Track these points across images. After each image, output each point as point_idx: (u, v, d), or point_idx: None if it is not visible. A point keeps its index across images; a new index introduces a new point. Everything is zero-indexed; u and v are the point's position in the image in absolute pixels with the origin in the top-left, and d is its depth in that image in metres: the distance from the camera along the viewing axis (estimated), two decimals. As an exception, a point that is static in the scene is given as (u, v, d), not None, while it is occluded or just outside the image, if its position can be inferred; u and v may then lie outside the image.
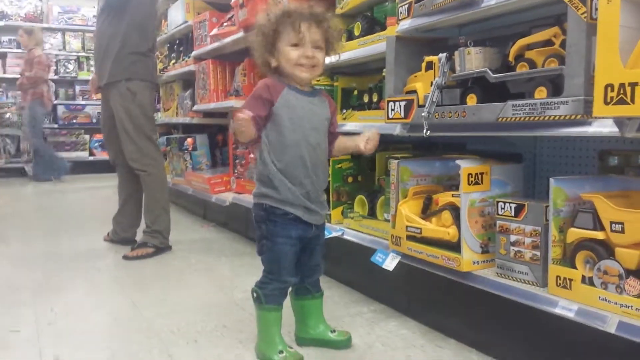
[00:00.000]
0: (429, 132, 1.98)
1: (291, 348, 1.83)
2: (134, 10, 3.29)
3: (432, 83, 1.96)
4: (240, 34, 3.75)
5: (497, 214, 1.79)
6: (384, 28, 2.39)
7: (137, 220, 3.63)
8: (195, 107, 4.85)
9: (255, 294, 1.83)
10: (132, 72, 3.31)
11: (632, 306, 1.37)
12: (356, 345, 1.95)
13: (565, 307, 1.51)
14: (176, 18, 5.29)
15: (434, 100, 1.94)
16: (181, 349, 1.95)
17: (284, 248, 1.78)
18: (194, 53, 4.81)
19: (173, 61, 5.61)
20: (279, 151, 1.75)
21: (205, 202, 4.46)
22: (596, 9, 1.40)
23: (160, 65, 6.00)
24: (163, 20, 5.88)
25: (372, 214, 2.52)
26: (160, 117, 6.09)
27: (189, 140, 4.83)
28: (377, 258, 2.24)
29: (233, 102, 4.09)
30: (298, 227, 1.78)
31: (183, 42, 5.40)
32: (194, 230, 4.24)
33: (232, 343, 1.99)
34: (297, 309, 1.97)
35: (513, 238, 1.74)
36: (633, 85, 1.29)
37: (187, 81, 5.28)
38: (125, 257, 3.22)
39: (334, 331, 1.94)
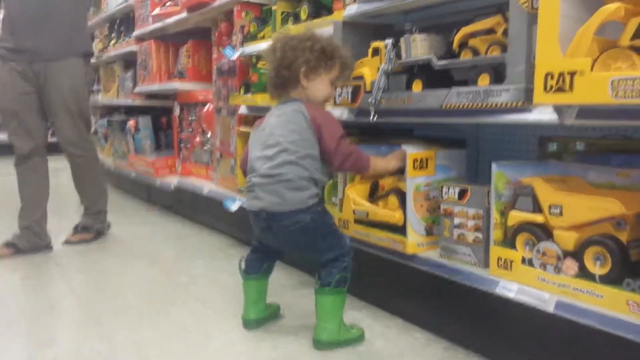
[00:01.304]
0: (376, 117, 1.99)
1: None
2: None
3: (378, 69, 1.97)
4: (184, 14, 3.65)
5: (442, 197, 1.83)
6: (330, 12, 2.38)
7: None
8: (137, 89, 4.71)
9: (343, 280, 1.79)
10: (87, 47, 3.08)
11: (569, 286, 1.44)
12: (304, 324, 1.96)
13: (506, 287, 1.57)
14: (116, -4, 5.10)
15: (381, 86, 1.95)
16: (123, 332, 1.91)
17: (339, 230, 1.89)
18: (135, 33, 4.66)
19: (113, 41, 5.42)
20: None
21: (149, 186, 4.35)
22: (537, -1, 1.44)
23: (99, 45, 5.79)
24: (103, -1, 5.67)
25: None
26: (101, 99, 5.89)
27: (131, 122, 4.69)
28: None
29: (177, 84, 4.00)
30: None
31: (124, 22, 5.22)
32: (138, 215, 4.14)
33: (175, 329, 1.96)
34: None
35: (457, 221, 1.78)
36: (572, 73, 1.33)
37: (129, 62, 5.12)
38: (68, 242, 3.07)
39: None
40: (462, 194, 1.77)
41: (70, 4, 2.92)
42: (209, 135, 3.68)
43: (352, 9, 2.17)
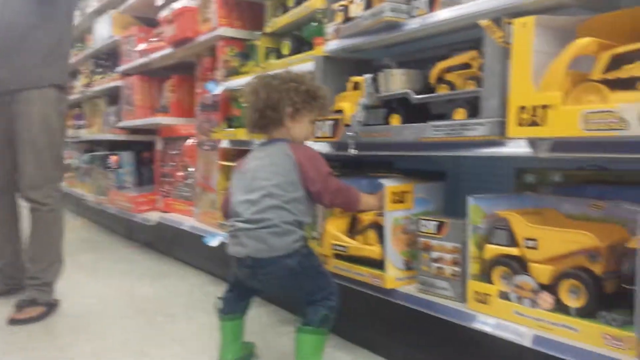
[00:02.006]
0: (355, 151, 2.00)
1: None
2: None
3: (358, 103, 1.98)
4: (169, 49, 3.68)
5: (420, 231, 1.82)
6: (311, 48, 2.41)
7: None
8: (121, 124, 4.70)
9: (328, 320, 1.76)
10: (63, 78, 2.67)
11: (545, 319, 1.42)
12: (281, 366, 1.92)
13: (483, 322, 1.55)
14: (102, 32, 5.15)
15: (360, 120, 1.97)
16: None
17: (326, 269, 1.88)
18: (120, 68, 4.68)
19: (98, 76, 5.44)
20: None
21: (130, 222, 4.29)
22: (511, 34, 1.47)
23: (84, 81, 5.81)
24: (88, 35, 5.71)
25: (299, 233, 2.50)
26: (84, 134, 5.87)
27: (114, 157, 4.66)
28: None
29: (160, 119, 4.00)
30: None
31: (109, 57, 5.25)
32: (116, 251, 4.07)
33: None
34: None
35: (435, 255, 1.77)
36: (544, 107, 1.35)
37: (113, 97, 5.12)
38: (14, 322, 2.38)
39: None
40: (439, 227, 1.76)
41: (45, 33, 2.56)
42: (191, 170, 3.66)
43: (332, 45, 2.20)
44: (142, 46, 4.16)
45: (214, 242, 2.89)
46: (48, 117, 2.56)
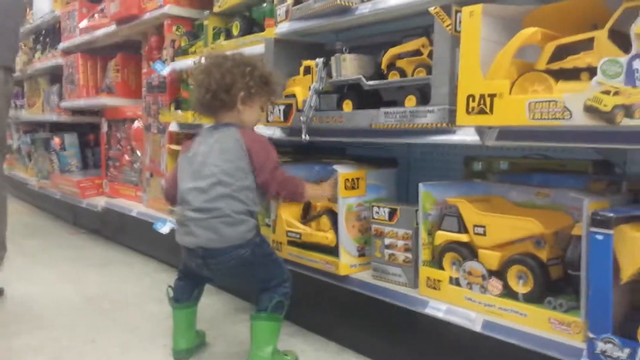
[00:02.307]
0: (307, 136, 1.97)
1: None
2: None
3: (310, 88, 1.96)
4: (113, 27, 3.53)
5: (373, 218, 1.83)
6: (262, 29, 2.36)
7: None
8: (63, 104, 4.51)
9: (283, 306, 1.76)
10: (8, 60, 2.54)
11: (494, 305, 1.46)
12: (237, 352, 1.90)
13: (435, 307, 1.58)
14: (42, 6, 4.90)
15: (312, 105, 1.94)
16: (42, 372, 1.79)
17: (279, 257, 1.87)
18: (61, 45, 4.47)
19: (38, 53, 5.19)
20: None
21: (75, 207, 4.15)
22: (460, 22, 1.46)
23: (24, 58, 5.52)
24: (28, 9, 5.42)
25: (252, 218, 2.48)
26: (25, 114, 5.61)
27: (57, 139, 4.47)
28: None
29: (105, 100, 3.86)
30: None
31: (49, 33, 5.01)
32: (61, 237, 3.93)
33: (101, 358, 1.85)
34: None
35: (387, 241, 1.78)
36: (492, 96, 1.36)
37: (54, 75, 4.90)
38: None
39: None
40: (391, 214, 1.77)
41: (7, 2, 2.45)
42: (138, 154, 3.56)
43: (283, 27, 2.15)
44: (84, 23, 3.97)
45: (164, 229, 2.83)
46: None
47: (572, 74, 1.29)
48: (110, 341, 2.01)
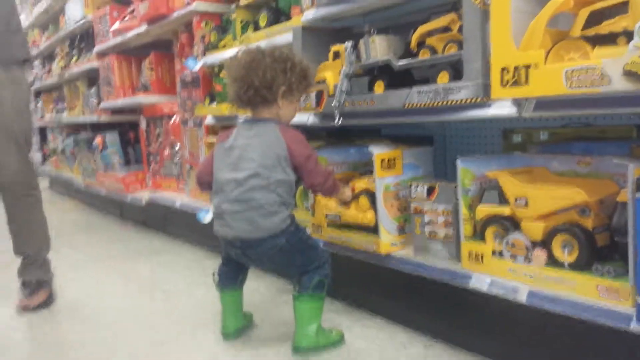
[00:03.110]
0: (340, 120, 1.99)
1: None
2: None
3: (340, 72, 1.97)
4: (144, 27, 3.61)
5: (411, 196, 1.84)
6: (289, 18, 2.38)
7: None
8: (102, 105, 4.65)
9: (323, 285, 1.80)
10: (26, 52, 2.41)
11: (539, 275, 1.46)
12: (284, 332, 1.95)
13: (479, 281, 1.59)
14: (75, 13, 5.03)
15: (343, 89, 1.95)
16: (100, 356, 1.87)
17: (315, 242, 1.92)
18: (96, 49, 4.59)
19: (75, 58, 5.34)
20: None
21: (121, 202, 4.29)
22: (489, -5, 1.45)
23: (61, 63, 5.71)
24: (61, 16, 5.58)
25: (292, 204, 2.52)
26: (66, 117, 5.80)
27: (98, 139, 4.61)
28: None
29: (142, 98, 3.95)
30: None
31: (84, 38, 5.15)
32: (110, 232, 4.07)
33: (155, 346, 1.93)
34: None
35: (427, 218, 1.79)
36: (527, 67, 1.35)
37: (92, 78, 5.05)
38: (26, 308, 2.34)
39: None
40: (430, 191, 1.78)
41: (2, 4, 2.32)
42: (177, 148, 3.64)
43: (310, 14, 2.17)
44: (116, 25, 4.07)
45: (206, 218, 2.90)
46: (19, 101, 2.33)
47: (608, 39, 1.26)
48: (163, 328, 2.09)
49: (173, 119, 3.61)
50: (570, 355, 1.44)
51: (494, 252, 1.59)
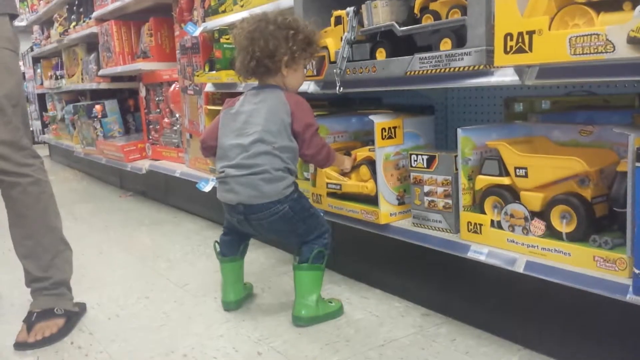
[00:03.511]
0: (342, 88, 1.97)
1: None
2: None
3: (342, 38, 1.93)
4: (143, -9, 3.55)
5: (411, 166, 1.83)
6: (291, -18, 2.32)
7: None
8: (101, 72, 4.60)
9: (323, 256, 1.82)
10: (12, 5, 1.84)
11: (537, 246, 1.45)
12: (283, 303, 1.97)
13: (477, 251, 1.58)
14: (73, -24, 4.94)
15: (345, 56, 1.92)
16: (102, 324, 1.89)
17: (317, 210, 1.89)
18: (95, 14, 4.52)
19: (74, 23, 5.26)
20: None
21: (121, 171, 4.29)
22: (495, -41, 1.41)
23: (60, 29, 5.63)
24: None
25: (292, 173, 2.51)
26: (65, 84, 5.75)
27: (98, 107, 4.58)
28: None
29: (141, 65, 3.90)
30: None
31: (82, 3, 5.06)
32: (111, 201, 4.09)
33: (156, 315, 1.95)
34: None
35: (426, 188, 1.78)
36: (530, 33, 1.32)
37: (91, 44, 4.98)
38: (24, 346, 1.75)
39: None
40: (430, 161, 1.76)
41: None
42: (177, 116, 3.62)
43: (311, -22, 2.12)
44: (114, -11, 4.00)
45: (207, 188, 2.90)
46: (6, 57, 1.77)
47: (614, 5, 1.22)
48: (164, 297, 2.11)
49: (173, 86, 3.58)
50: (568, 325, 1.45)
51: (492, 223, 1.58)
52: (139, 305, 2.04)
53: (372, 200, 1.94)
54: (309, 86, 2.19)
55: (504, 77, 1.46)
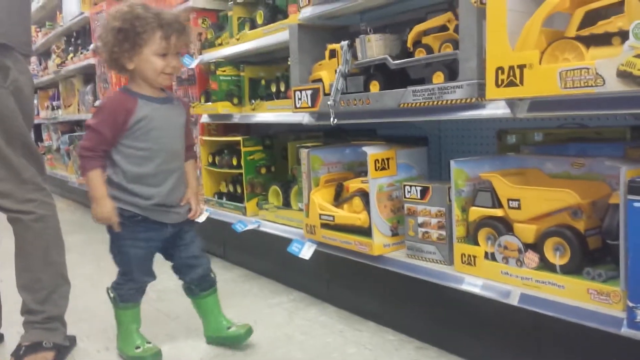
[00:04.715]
0: (335, 120, 1.98)
1: (149, 343, 1.83)
2: None
3: (336, 71, 1.96)
4: (141, 24, 3.59)
5: (405, 197, 1.83)
6: (286, 16, 2.36)
7: None
8: (97, 103, 4.61)
9: (111, 294, 1.85)
10: (30, 44, 1.90)
11: (531, 278, 1.45)
12: (275, 337, 1.94)
13: (471, 283, 1.58)
14: (71, 9, 5.01)
15: (339, 88, 1.94)
16: (91, 358, 1.86)
17: (132, 250, 1.81)
18: (92, 45, 4.57)
19: (71, 55, 5.32)
20: (135, 163, 1.72)
21: (115, 202, 4.27)
22: (485, -6, 1.44)
23: (57, 60, 5.68)
24: (58, 13, 5.57)
25: (286, 204, 2.51)
26: (61, 115, 5.77)
27: (94, 137, 4.58)
28: (293, 248, 2.23)
29: (138, 96, 3.92)
30: (148, 227, 1.78)
31: (80, 35, 5.13)
32: (104, 232, 4.02)
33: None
34: (195, 309, 1.96)
35: (420, 220, 1.78)
36: (521, 67, 1.34)
37: (88, 75, 5.03)
38: None
39: (230, 327, 1.89)
40: (423, 192, 1.77)
41: None
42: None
43: (307, 12, 2.16)
44: (112, 22, 4.05)
45: (201, 218, 2.88)
46: (25, 97, 1.80)
47: (604, 40, 1.25)
48: (155, 330, 2.07)
49: (168, 117, 3.59)
50: (562, 359, 1.43)
51: (486, 255, 1.58)
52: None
53: (365, 231, 1.94)
54: (304, 117, 2.21)
55: (496, 110, 1.48)
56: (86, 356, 1.87)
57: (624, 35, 1.17)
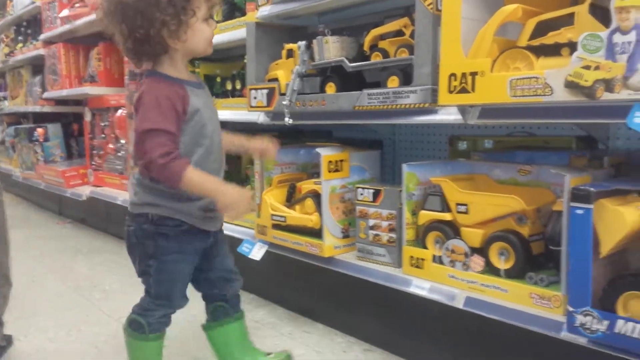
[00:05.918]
0: (291, 120, 1.97)
1: None
2: None
3: (292, 71, 1.95)
4: (94, 15, 3.49)
5: (357, 199, 1.83)
6: (244, 13, 2.34)
7: None
8: (45, 94, 4.46)
9: (136, 323, 1.49)
10: None
11: (477, 282, 1.47)
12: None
13: (419, 286, 1.59)
14: (22, -3, 4.82)
15: (295, 88, 1.93)
16: (28, 358, 1.77)
17: (178, 267, 1.45)
18: (42, 36, 4.42)
19: (20, 45, 5.12)
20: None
21: (60, 197, 4.12)
22: (441, 1, 1.46)
23: (5, 50, 5.47)
24: (8, 1, 5.35)
25: (238, 204, 2.47)
26: (7, 106, 5.54)
27: (40, 130, 4.43)
28: (243, 248, 2.20)
29: (88, 89, 3.81)
30: (194, 237, 1.45)
31: (31, 24, 4.94)
32: (48, 228, 3.91)
33: (87, 348, 1.85)
34: (218, 341, 1.60)
35: (371, 222, 1.79)
36: (473, 74, 1.36)
37: (37, 66, 4.84)
38: None
39: (270, 353, 1.64)
40: (376, 195, 1.77)
41: None
42: (122, 142, 3.53)
43: (265, 10, 2.14)
44: (65, 12, 3.92)
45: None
46: None
47: (553, 50, 1.29)
48: (97, 330, 2.00)
49: (119, 111, 3.50)
50: (504, 361, 1.46)
51: (434, 258, 1.59)
52: (70, 338, 1.94)
53: (317, 233, 1.93)
54: (259, 116, 2.19)
55: (448, 115, 1.50)
56: (23, 357, 1.79)
57: (572, 47, 1.20)
